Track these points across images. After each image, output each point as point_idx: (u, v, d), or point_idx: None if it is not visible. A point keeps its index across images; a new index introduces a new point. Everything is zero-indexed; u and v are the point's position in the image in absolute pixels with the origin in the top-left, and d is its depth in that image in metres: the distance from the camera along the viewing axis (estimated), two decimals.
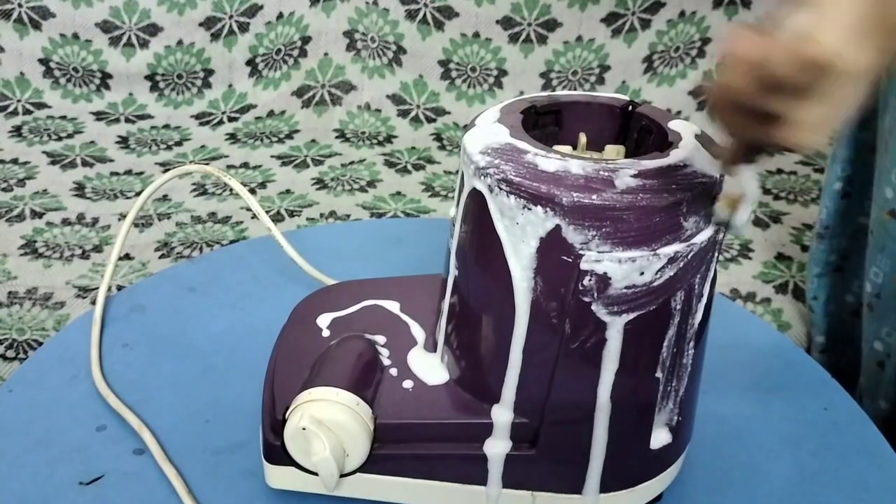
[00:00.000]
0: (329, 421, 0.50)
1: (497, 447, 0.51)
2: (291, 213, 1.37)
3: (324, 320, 0.59)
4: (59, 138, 1.56)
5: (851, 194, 1.03)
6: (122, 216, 1.34)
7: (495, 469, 0.52)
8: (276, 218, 1.35)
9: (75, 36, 1.62)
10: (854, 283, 1.07)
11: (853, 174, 1.03)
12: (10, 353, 1.10)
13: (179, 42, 1.63)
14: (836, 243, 1.08)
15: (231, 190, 1.41)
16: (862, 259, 0.97)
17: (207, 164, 1.43)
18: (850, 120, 0.42)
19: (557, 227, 0.45)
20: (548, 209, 0.45)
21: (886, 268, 0.92)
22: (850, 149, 1.02)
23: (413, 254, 0.76)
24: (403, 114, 1.68)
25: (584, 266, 0.45)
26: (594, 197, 0.44)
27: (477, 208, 0.48)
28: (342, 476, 0.52)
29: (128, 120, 1.63)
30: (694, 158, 0.47)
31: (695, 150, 0.48)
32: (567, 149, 0.52)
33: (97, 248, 1.27)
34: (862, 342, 0.99)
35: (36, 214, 1.34)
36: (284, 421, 0.51)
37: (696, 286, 0.48)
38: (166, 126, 1.62)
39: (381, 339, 0.57)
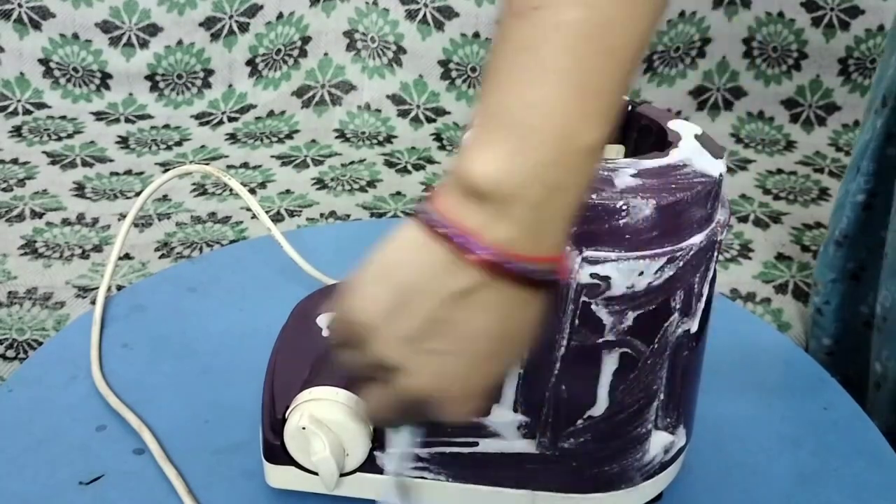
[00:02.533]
0: (329, 420, 0.50)
1: (497, 446, 0.51)
2: (291, 213, 1.37)
3: (324, 320, 0.59)
4: (59, 138, 1.56)
5: (874, 207, 1.02)
6: (122, 216, 1.34)
7: (495, 469, 0.52)
8: (276, 218, 1.35)
9: (75, 36, 1.62)
10: (870, 294, 1.05)
11: (876, 187, 1.02)
12: (10, 353, 1.11)
13: (179, 42, 1.63)
14: (854, 252, 1.06)
15: (231, 190, 1.41)
16: (879, 273, 0.97)
17: (207, 164, 1.44)
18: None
19: None
20: None
21: None
22: (875, 162, 1.01)
23: None
24: (403, 114, 1.69)
25: (583, 265, 0.45)
26: (594, 196, 0.44)
27: None
28: (342, 475, 0.52)
29: (128, 120, 1.63)
30: (693, 158, 0.47)
31: (694, 150, 0.48)
32: None
33: (97, 248, 1.27)
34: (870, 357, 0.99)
35: (36, 214, 1.34)
36: (284, 420, 0.51)
37: (696, 286, 0.48)
38: (166, 126, 1.63)
39: None
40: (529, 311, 0.38)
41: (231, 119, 1.66)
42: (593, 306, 0.46)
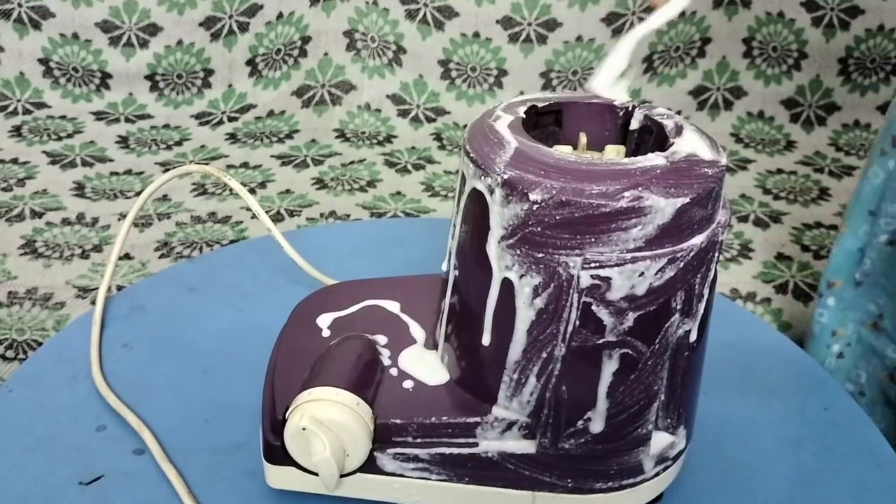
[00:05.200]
0: (329, 421, 0.50)
1: (497, 447, 0.51)
2: (291, 213, 1.37)
3: (324, 320, 0.59)
4: (59, 138, 1.56)
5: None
6: (122, 216, 1.34)
7: (495, 469, 0.52)
8: (276, 218, 1.35)
9: (75, 36, 1.62)
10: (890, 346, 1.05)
11: None
12: (10, 353, 1.11)
13: (179, 42, 1.63)
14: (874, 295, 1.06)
15: (231, 190, 1.41)
16: None
17: (207, 164, 1.44)
18: None
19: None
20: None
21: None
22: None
23: (413, 254, 0.76)
24: (403, 114, 1.69)
25: (584, 267, 0.45)
26: (594, 197, 0.44)
27: (477, 208, 0.48)
28: (342, 476, 0.52)
29: (128, 120, 1.63)
30: (694, 159, 0.47)
31: (695, 151, 0.48)
32: (567, 149, 0.52)
33: (97, 248, 1.27)
34: None
35: (36, 214, 1.34)
36: (284, 421, 0.51)
37: (697, 287, 0.48)
38: (166, 126, 1.63)
39: (381, 339, 0.57)
40: None
41: (231, 119, 1.66)
42: (594, 307, 0.46)
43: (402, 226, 1.01)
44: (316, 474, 0.52)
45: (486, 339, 0.51)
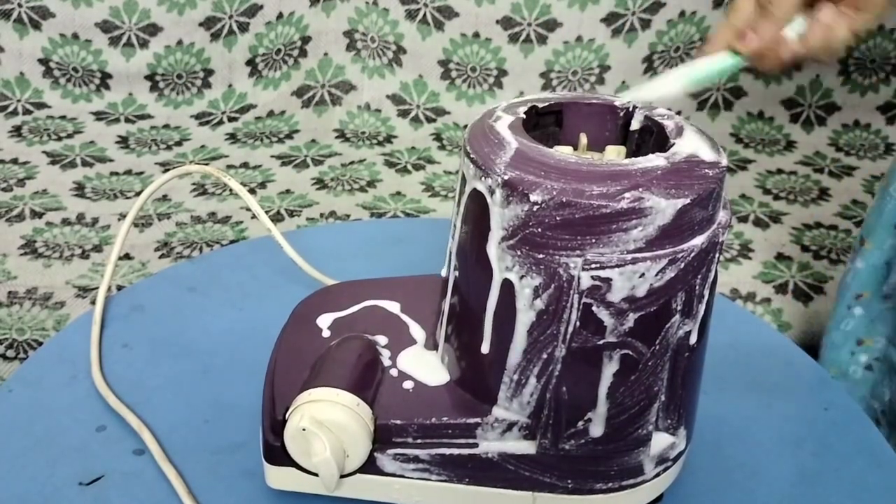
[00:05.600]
0: (329, 422, 0.50)
1: (497, 448, 0.51)
2: (291, 213, 1.37)
3: (324, 320, 0.59)
4: (59, 138, 1.56)
5: None
6: (122, 216, 1.34)
7: (495, 469, 0.52)
8: (276, 218, 1.35)
9: (75, 36, 1.62)
10: None
11: None
12: (10, 353, 1.11)
13: (179, 42, 1.63)
14: None
15: (231, 190, 1.41)
16: None
17: (207, 164, 1.44)
18: None
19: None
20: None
21: None
22: None
23: (413, 254, 0.76)
24: (403, 114, 1.68)
25: (584, 268, 0.45)
26: (595, 198, 0.44)
27: (477, 209, 0.48)
28: (342, 477, 0.52)
29: (128, 120, 1.63)
30: (694, 159, 0.47)
31: (695, 152, 0.48)
32: (568, 149, 0.52)
33: (97, 248, 1.27)
34: None
35: (36, 214, 1.34)
36: (284, 421, 0.51)
37: (697, 287, 0.48)
38: (166, 126, 1.62)
39: (381, 339, 0.57)
40: None
41: (231, 119, 1.66)
42: (594, 308, 0.46)
43: (402, 226, 1.01)
44: (316, 475, 0.52)
45: (486, 340, 0.51)
